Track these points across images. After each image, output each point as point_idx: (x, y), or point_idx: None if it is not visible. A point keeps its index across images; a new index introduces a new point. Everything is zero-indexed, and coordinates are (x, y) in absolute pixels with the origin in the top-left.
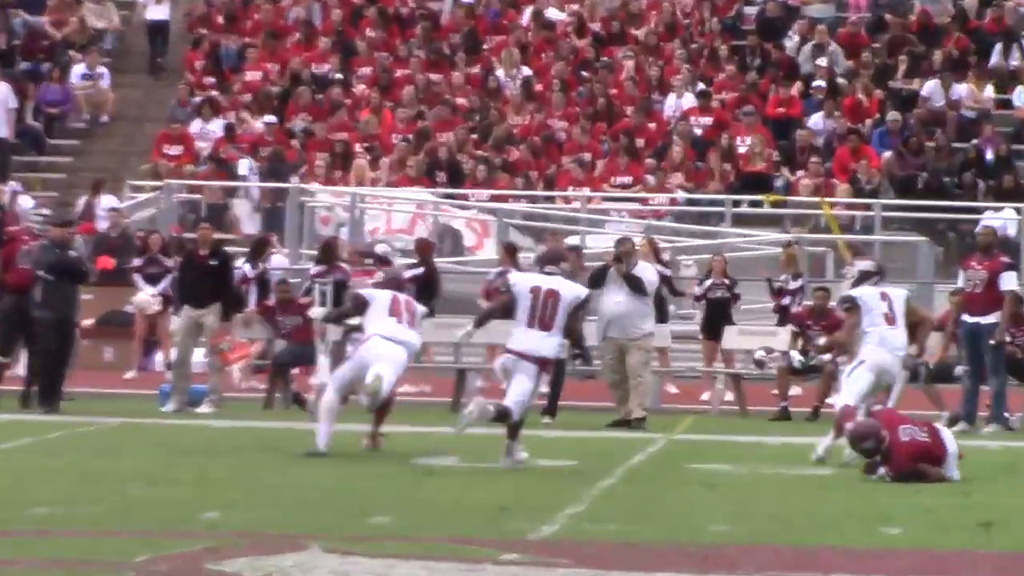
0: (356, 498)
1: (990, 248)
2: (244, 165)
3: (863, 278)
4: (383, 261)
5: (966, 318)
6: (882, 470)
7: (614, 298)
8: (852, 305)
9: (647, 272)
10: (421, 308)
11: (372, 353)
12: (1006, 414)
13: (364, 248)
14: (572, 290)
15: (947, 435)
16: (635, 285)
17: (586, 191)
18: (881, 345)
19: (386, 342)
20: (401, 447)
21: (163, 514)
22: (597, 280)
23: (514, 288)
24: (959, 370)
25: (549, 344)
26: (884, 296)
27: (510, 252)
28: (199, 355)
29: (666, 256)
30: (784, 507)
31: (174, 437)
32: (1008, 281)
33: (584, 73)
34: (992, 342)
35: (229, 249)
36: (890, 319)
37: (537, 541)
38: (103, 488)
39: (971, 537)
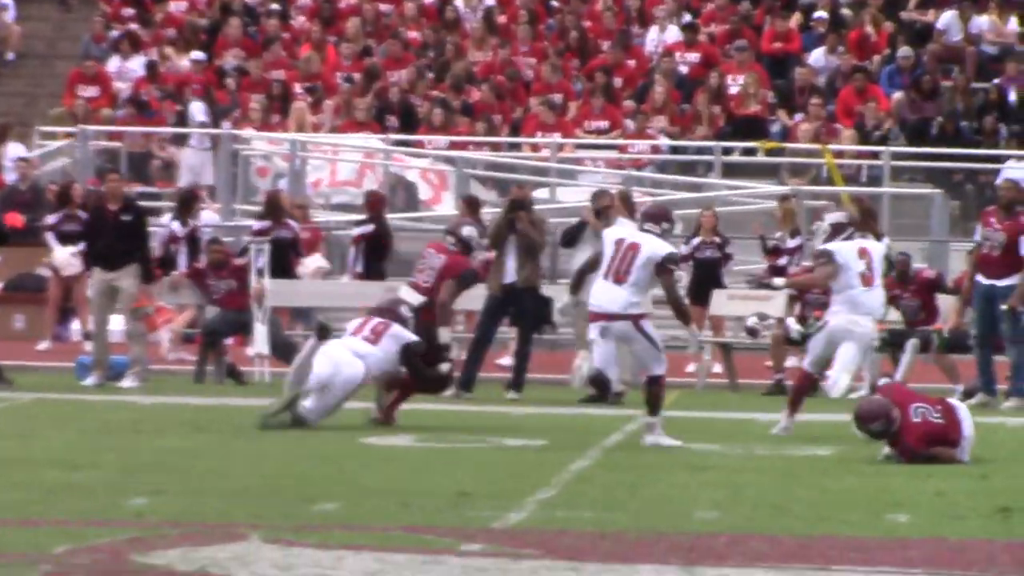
0: (300, 483)
1: (1012, 205)
2: (198, 108)
3: (836, 232)
4: (465, 246)
5: (980, 279)
6: (887, 450)
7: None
8: (828, 260)
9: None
10: (402, 333)
11: (326, 354)
12: None
13: (451, 226)
14: (652, 246)
15: (964, 415)
16: None
17: (557, 137)
18: (852, 310)
19: (342, 349)
20: (350, 425)
21: (84, 501)
22: (572, 238)
23: (604, 239)
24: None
25: (618, 297)
26: (863, 252)
27: (471, 206)
28: (117, 323)
29: None
30: (779, 492)
31: (95, 415)
32: None
33: (554, 3)
34: (1004, 307)
35: (156, 205)
36: (867, 279)
37: (502, 530)
38: (17, 472)
39: (988, 525)
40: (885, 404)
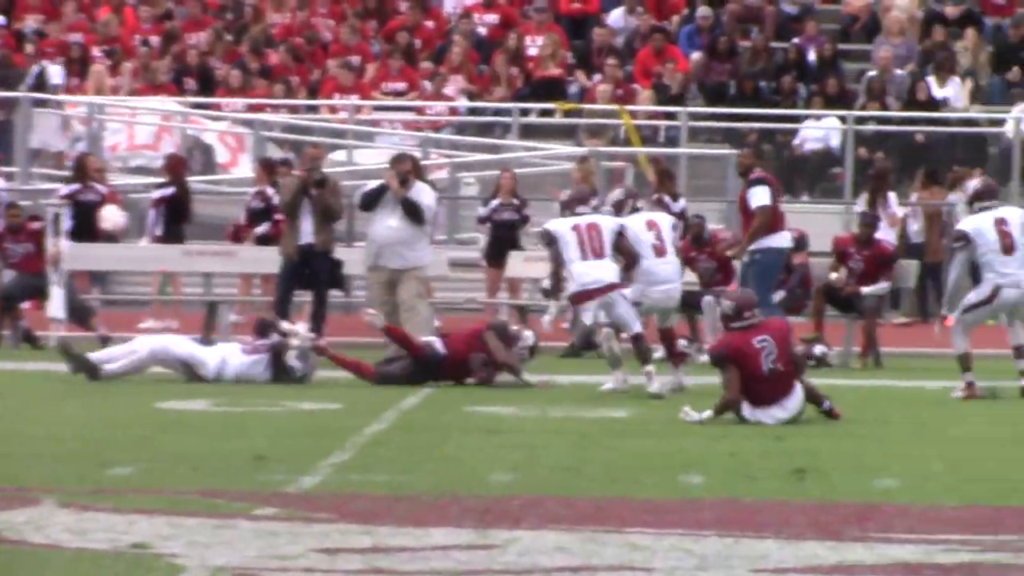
0: (95, 447)
1: (749, 171)
2: (56, 72)
3: (618, 209)
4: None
5: None
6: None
7: (387, 222)
8: (620, 233)
9: (425, 195)
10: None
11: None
12: (819, 348)
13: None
14: (609, 221)
15: (796, 397)
16: (412, 211)
17: (354, 99)
18: (649, 283)
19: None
20: (146, 390)
21: None
22: (372, 201)
23: (555, 234)
24: (777, 296)
25: (609, 270)
26: (651, 225)
27: (267, 169)
28: None
29: (444, 174)
30: (575, 455)
31: None
32: (756, 197)
33: None
34: (729, 252)
35: None
36: (659, 250)
37: (296, 494)
38: None
39: (782, 486)
40: (750, 300)
